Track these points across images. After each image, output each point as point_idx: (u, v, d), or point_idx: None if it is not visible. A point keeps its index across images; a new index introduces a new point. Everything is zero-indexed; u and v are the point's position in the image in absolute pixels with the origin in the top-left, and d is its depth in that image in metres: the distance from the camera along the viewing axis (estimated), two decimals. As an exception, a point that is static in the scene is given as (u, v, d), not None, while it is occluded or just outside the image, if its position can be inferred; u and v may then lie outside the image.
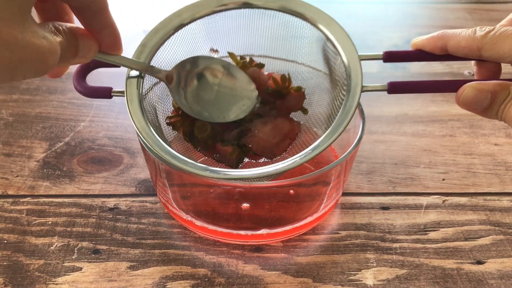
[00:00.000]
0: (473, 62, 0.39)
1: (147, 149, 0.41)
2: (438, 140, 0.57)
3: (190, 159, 0.38)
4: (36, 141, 0.56)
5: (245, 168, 0.42)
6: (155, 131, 0.39)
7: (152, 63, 0.40)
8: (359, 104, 0.46)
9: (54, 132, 0.57)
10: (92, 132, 0.57)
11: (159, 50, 0.41)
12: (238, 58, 0.45)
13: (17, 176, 0.52)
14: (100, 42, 0.34)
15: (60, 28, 0.30)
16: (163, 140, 0.38)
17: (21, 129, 0.58)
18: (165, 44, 0.41)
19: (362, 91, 0.38)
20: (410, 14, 0.84)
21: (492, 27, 0.35)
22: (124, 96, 0.39)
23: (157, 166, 0.42)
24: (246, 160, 0.43)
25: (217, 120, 0.42)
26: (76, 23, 0.33)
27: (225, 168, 0.42)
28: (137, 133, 0.39)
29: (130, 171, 0.53)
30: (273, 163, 0.38)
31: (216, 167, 0.39)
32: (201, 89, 0.42)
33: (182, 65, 0.41)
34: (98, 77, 0.42)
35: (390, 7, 0.86)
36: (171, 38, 0.41)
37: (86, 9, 0.31)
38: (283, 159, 0.37)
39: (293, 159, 0.37)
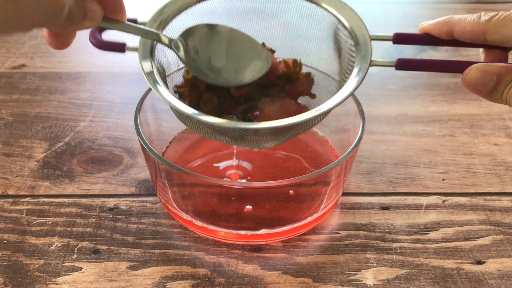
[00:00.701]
0: (480, 50, 0.39)
1: (146, 149, 0.41)
2: (438, 140, 0.57)
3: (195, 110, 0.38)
4: (36, 141, 0.56)
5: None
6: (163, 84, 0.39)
7: (165, 31, 0.40)
8: (359, 104, 0.46)
9: (54, 132, 0.57)
10: (92, 132, 0.57)
11: (175, 19, 0.41)
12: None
13: (17, 176, 0.52)
14: (103, 5, 0.33)
15: None
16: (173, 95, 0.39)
17: (21, 129, 0.58)
18: (182, 14, 0.41)
19: (370, 65, 0.39)
20: (410, 14, 0.84)
21: (496, 12, 0.35)
22: (137, 52, 0.39)
23: (157, 166, 0.42)
24: None
25: (233, 83, 0.42)
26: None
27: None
28: (148, 83, 0.38)
29: (130, 171, 0.53)
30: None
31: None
32: (212, 55, 0.42)
33: (188, 32, 0.41)
34: (112, 37, 0.42)
35: (390, 7, 0.86)
36: (189, 9, 0.42)
37: None
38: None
39: (303, 115, 0.37)
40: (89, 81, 0.65)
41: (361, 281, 0.42)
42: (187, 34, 0.41)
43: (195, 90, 0.43)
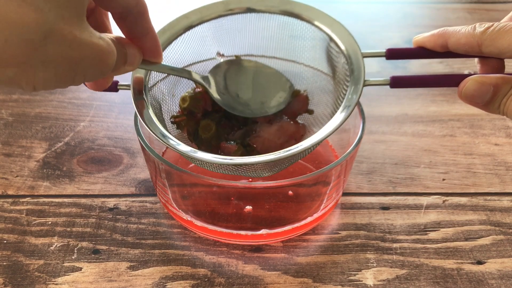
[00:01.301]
0: (476, 60, 0.39)
1: (146, 149, 0.41)
2: (438, 140, 0.57)
3: (192, 148, 0.38)
4: (36, 141, 0.56)
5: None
6: (159, 122, 0.39)
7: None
8: (359, 104, 0.46)
9: (54, 132, 0.57)
10: (92, 132, 0.57)
11: (166, 50, 0.42)
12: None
13: (17, 176, 0.52)
14: (142, 49, 0.34)
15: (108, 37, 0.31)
16: (166, 130, 0.39)
17: (21, 129, 0.58)
18: (172, 44, 0.42)
19: (364, 85, 0.39)
20: (410, 14, 0.84)
21: (491, 23, 0.35)
22: (130, 89, 0.40)
23: (157, 166, 0.42)
24: None
25: (259, 114, 0.43)
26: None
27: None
28: (139, 119, 0.39)
29: (130, 171, 0.53)
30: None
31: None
32: (240, 89, 0.43)
33: (216, 68, 0.43)
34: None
35: (390, 7, 0.86)
36: (178, 38, 0.42)
37: (129, 14, 0.32)
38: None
39: (291, 148, 0.37)
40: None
41: (361, 281, 0.42)
42: (216, 70, 0.43)
43: (192, 118, 0.43)
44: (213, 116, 0.43)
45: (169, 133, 0.39)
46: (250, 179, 0.49)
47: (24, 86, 0.26)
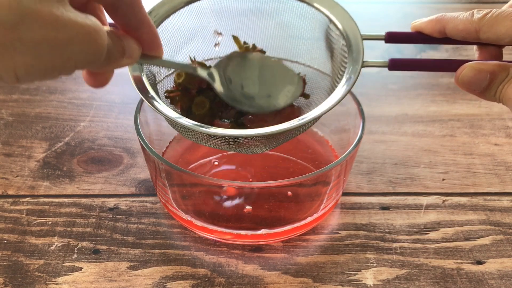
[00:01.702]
0: (474, 47, 0.38)
1: (146, 149, 0.41)
2: (438, 140, 0.57)
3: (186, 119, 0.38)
4: (36, 141, 0.56)
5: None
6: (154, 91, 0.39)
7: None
8: (359, 104, 0.46)
9: (54, 132, 0.57)
10: (92, 132, 0.57)
11: (164, 22, 0.41)
12: (242, 42, 0.45)
13: (17, 176, 0.52)
14: (140, 42, 0.33)
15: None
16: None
17: (21, 129, 0.58)
18: (170, 17, 0.41)
19: (363, 66, 0.38)
20: (410, 14, 0.84)
21: (489, 10, 0.35)
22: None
23: (157, 166, 0.42)
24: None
25: (267, 109, 0.42)
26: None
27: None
28: (136, 88, 0.38)
29: (130, 171, 0.53)
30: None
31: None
32: (245, 83, 0.42)
33: (221, 62, 0.42)
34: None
35: (390, 7, 0.86)
36: (177, 12, 0.42)
37: (120, 5, 0.31)
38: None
39: (291, 122, 0.37)
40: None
41: (361, 281, 0.42)
42: (220, 64, 0.42)
43: (186, 94, 0.43)
44: (208, 94, 0.43)
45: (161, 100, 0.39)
46: (251, 179, 0.49)
47: (4, 74, 0.25)
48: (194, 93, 0.42)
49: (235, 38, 0.44)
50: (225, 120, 0.42)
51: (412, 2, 0.88)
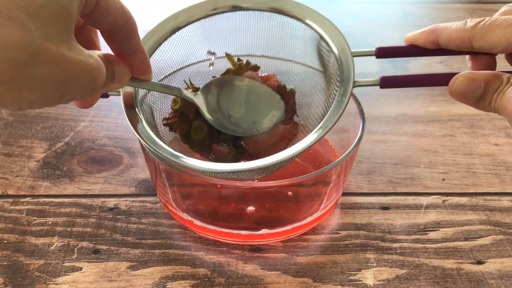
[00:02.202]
0: (467, 56, 0.38)
1: (146, 149, 0.41)
2: (438, 140, 0.57)
3: (186, 156, 0.38)
4: (36, 141, 0.56)
5: None
6: (151, 130, 0.39)
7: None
8: (359, 104, 0.46)
9: (54, 132, 0.57)
10: (92, 132, 0.57)
11: (156, 52, 0.42)
12: (236, 59, 0.45)
13: (17, 176, 0.52)
14: (131, 66, 0.34)
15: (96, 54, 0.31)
16: (159, 139, 0.39)
17: (21, 129, 0.58)
18: (162, 45, 0.42)
19: (354, 86, 0.39)
20: (410, 14, 0.84)
21: (482, 18, 0.35)
22: (120, 95, 0.40)
23: (157, 166, 0.42)
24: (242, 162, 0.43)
25: (251, 133, 0.42)
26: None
27: None
28: (135, 133, 0.39)
29: (130, 171, 0.53)
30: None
31: None
32: (231, 108, 0.43)
33: (208, 87, 0.42)
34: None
35: (390, 7, 0.86)
36: (168, 40, 0.42)
37: (118, 32, 0.31)
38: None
39: (284, 153, 0.37)
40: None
41: (361, 281, 0.42)
42: (207, 88, 0.42)
43: (184, 119, 0.43)
44: (204, 118, 0.43)
45: (161, 139, 0.39)
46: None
47: (9, 106, 0.25)
48: (191, 118, 0.43)
49: (228, 56, 0.45)
50: (224, 144, 0.42)
51: (412, 2, 0.88)
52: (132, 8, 0.33)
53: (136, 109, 0.39)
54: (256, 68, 0.45)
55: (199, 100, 0.42)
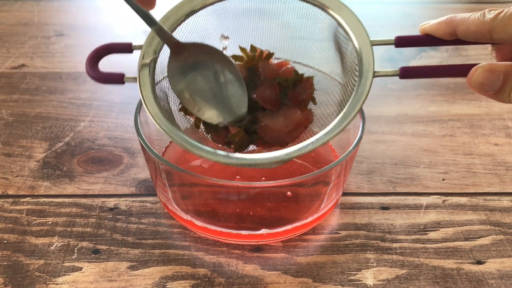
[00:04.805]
0: (490, 47, 0.38)
1: (146, 149, 0.41)
2: (438, 140, 0.57)
3: (202, 144, 0.37)
4: (36, 141, 0.56)
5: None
6: (167, 117, 0.39)
7: (163, 49, 0.40)
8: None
9: (54, 132, 0.57)
10: (92, 132, 0.57)
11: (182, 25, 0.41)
12: (249, 51, 0.44)
13: (17, 176, 0.52)
14: None
15: None
16: (175, 126, 0.38)
17: (21, 129, 0.58)
18: (176, 30, 0.41)
19: (374, 76, 0.38)
20: (410, 14, 0.84)
21: (501, 9, 0.34)
22: (136, 82, 0.39)
23: (157, 166, 0.42)
24: (251, 147, 0.43)
25: (235, 119, 0.42)
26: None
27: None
28: (151, 118, 0.38)
29: (130, 171, 0.53)
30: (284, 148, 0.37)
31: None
32: (198, 87, 0.42)
33: (191, 46, 0.41)
34: (110, 64, 0.42)
35: (390, 7, 0.86)
36: (182, 24, 0.41)
37: None
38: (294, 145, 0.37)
39: (305, 144, 0.36)
40: (89, 81, 0.65)
41: (361, 281, 0.42)
42: (189, 46, 0.41)
43: None
44: None
45: (177, 127, 0.39)
46: (251, 179, 0.49)
47: None
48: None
49: (242, 50, 0.44)
50: (239, 126, 0.42)
51: (412, 2, 0.88)
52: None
53: (152, 96, 0.39)
54: (269, 56, 0.44)
55: (176, 50, 0.40)
